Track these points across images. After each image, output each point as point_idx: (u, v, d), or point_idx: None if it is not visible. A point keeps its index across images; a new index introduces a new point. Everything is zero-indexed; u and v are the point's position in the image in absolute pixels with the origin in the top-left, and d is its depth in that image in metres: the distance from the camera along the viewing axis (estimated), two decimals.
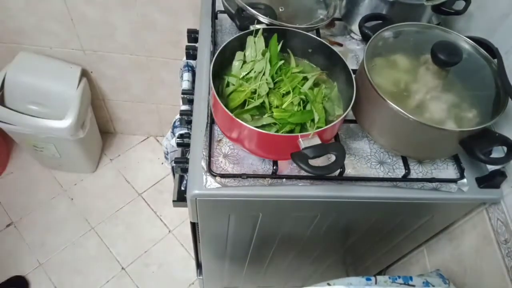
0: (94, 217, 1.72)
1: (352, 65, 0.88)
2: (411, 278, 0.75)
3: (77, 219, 1.70)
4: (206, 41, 0.89)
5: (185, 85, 0.92)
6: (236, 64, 0.73)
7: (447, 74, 0.68)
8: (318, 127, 0.66)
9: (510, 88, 0.65)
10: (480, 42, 0.72)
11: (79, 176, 1.82)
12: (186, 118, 0.87)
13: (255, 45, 0.73)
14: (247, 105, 0.69)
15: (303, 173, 0.71)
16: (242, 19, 0.77)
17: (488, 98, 0.68)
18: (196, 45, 0.94)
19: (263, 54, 0.72)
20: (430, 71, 0.68)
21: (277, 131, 0.66)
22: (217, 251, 1.04)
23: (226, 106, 0.65)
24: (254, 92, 0.69)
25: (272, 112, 0.67)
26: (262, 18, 0.76)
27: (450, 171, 0.77)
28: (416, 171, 0.76)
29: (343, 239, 1.02)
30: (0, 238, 1.63)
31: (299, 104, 0.68)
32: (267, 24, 0.76)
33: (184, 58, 0.98)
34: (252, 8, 0.77)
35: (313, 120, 0.68)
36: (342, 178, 0.72)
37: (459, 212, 0.88)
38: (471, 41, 0.73)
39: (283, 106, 0.68)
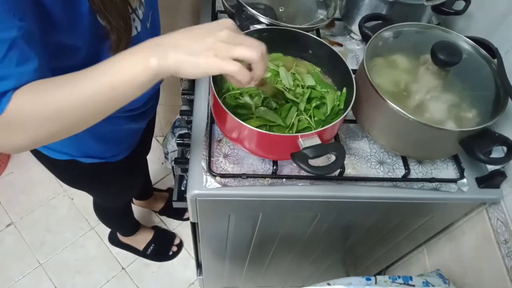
0: (94, 217, 1.70)
1: (352, 65, 0.88)
2: (411, 278, 0.75)
3: (77, 219, 1.70)
4: None
5: (185, 85, 0.92)
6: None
7: (447, 74, 0.68)
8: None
9: (510, 88, 0.65)
10: (480, 42, 0.72)
11: None
12: (186, 118, 0.87)
13: None
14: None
15: (303, 173, 0.71)
16: (242, 19, 0.77)
17: (488, 98, 0.68)
18: None
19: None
20: (430, 71, 0.68)
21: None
22: (217, 251, 1.04)
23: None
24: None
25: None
26: (262, 18, 0.76)
27: (450, 171, 0.77)
28: (416, 171, 0.76)
29: (343, 239, 1.02)
30: (0, 238, 1.63)
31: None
32: (267, 24, 0.76)
33: None
34: (252, 8, 0.77)
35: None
36: (342, 178, 0.72)
37: (459, 212, 0.88)
38: (471, 41, 0.73)
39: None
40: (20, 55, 0.45)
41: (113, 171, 0.94)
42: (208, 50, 0.45)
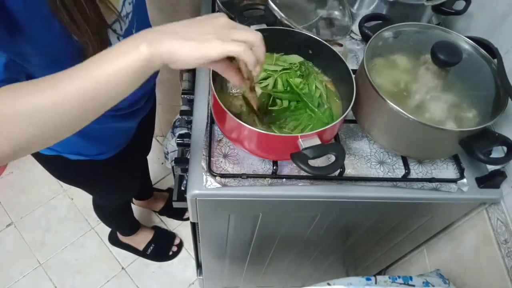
0: (94, 217, 1.70)
1: (352, 65, 0.88)
2: (411, 278, 0.75)
3: (77, 219, 1.70)
4: None
5: (185, 85, 0.92)
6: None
7: (447, 74, 0.68)
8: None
9: (510, 88, 0.65)
10: (480, 42, 0.72)
11: None
12: (186, 118, 0.87)
13: None
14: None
15: (303, 173, 0.71)
16: (242, 19, 0.77)
17: (488, 98, 0.68)
18: None
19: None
20: (430, 71, 0.68)
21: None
22: (217, 251, 1.04)
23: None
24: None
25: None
26: (285, 20, 0.76)
27: (450, 171, 0.77)
28: (416, 171, 0.76)
29: (343, 239, 1.02)
30: (0, 238, 1.63)
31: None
32: (267, 24, 0.76)
33: None
34: (250, 7, 0.77)
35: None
36: (342, 178, 0.72)
37: (459, 212, 0.88)
38: (471, 41, 0.73)
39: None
40: None
41: (102, 169, 0.92)
42: (208, 34, 0.44)
